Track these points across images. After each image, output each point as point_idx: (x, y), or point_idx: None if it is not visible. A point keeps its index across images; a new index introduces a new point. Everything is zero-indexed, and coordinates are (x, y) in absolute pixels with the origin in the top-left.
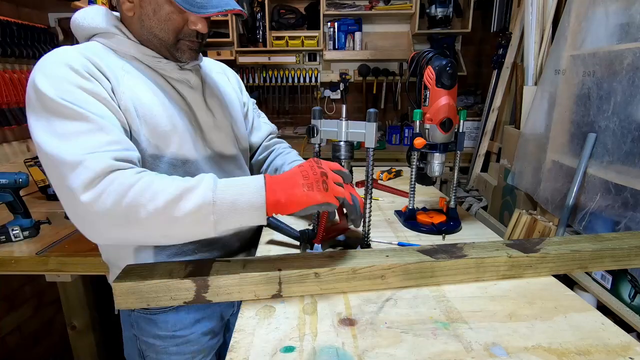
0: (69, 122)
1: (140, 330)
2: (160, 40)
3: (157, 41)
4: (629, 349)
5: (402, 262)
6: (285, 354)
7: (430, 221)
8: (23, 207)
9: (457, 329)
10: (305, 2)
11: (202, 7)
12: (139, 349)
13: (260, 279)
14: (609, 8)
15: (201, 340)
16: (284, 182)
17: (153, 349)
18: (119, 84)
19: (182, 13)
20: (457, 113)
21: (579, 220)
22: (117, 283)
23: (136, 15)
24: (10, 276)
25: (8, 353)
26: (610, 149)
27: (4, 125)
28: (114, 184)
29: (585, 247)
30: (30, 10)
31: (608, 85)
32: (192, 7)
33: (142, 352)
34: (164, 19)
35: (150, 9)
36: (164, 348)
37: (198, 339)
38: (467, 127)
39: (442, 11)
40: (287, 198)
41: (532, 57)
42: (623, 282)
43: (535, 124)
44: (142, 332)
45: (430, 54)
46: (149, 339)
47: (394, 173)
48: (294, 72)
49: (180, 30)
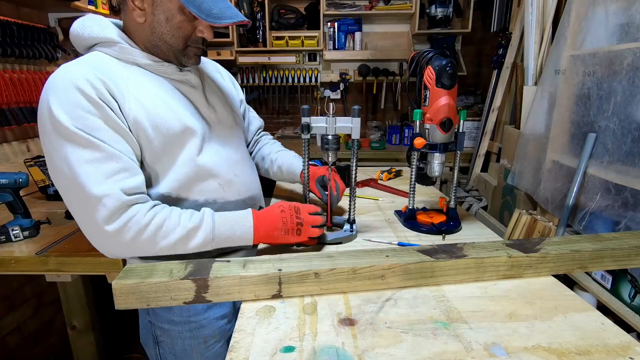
0: (82, 149)
1: (156, 316)
2: (169, 47)
3: (166, 47)
4: (629, 349)
5: (402, 262)
6: (285, 354)
7: (430, 221)
8: (23, 207)
9: (457, 329)
10: (305, 2)
11: (218, 17)
12: (153, 335)
13: (260, 279)
14: (609, 8)
15: (214, 325)
16: (268, 224)
17: (168, 334)
18: (125, 100)
19: (192, 21)
20: (457, 113)
21: (579, 220)
22: (117, 283)
23: (147, 22)
24: (10, 276)
25: (8, 353)
26: (610, 149)
27: (4, 125)
28: (133, 220)
29: (585, 247)
30: (30, 10)
31: (608, 85)
32: (208, 18)
33: (157, 338)
34: (176, 26)
35: (163, 17)
36: (178, 333)
37: (211, 324)
38: (467, 127)
39: (442, 11)
40: (269, 237)
41: (532, 57)
42: (623, 282)
43: (535, 124)
44: (157, 319)
45: (430, 54)
46: (163, 324)
47: (394, 173)
48: (294, 72)
49: (189, 37)
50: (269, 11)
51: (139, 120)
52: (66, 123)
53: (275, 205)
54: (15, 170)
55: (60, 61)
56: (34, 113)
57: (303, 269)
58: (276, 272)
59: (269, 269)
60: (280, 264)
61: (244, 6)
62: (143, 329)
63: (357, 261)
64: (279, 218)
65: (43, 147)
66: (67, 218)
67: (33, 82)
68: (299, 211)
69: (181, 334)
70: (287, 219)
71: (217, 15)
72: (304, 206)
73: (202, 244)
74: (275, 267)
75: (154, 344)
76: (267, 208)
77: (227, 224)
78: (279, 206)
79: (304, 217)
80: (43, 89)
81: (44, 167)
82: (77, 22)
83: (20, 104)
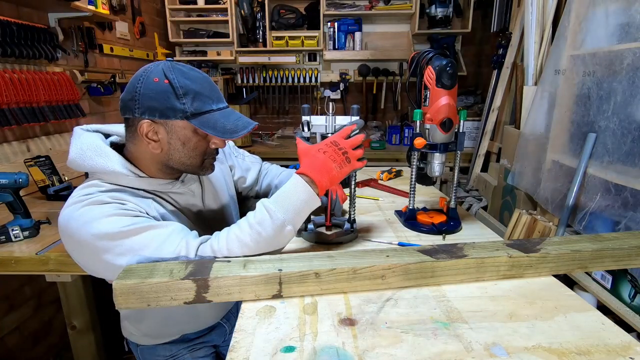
0: (137, 236)
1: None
2: (187, 166)
3: (183, 167)
4: (629, 349)
5: (402, 262)
6: (285, 354)
7: (430, 221)
8: (23, 207)
9: (457, 329)
10: (305, 2)
11: (234, 132)
12: None
13: (260, 279)
14: (609, 8)
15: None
16: (321, 169)
17: None
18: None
19: (205, 137)
20: (457, 113)
21: (579, 220)
22: (117, 283)
23: (164, 152)
24: (10, 276)
25: (8, 353)
26: (610, 149)
27: (4, 125)
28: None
29: (585, 247)
30: (30, 10)
31: (608, 85)
32: (225, 135)
33: None
34: (193, 147)
35: (179, 143)
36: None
37: None
38: (467, 127)
39: (442, 11)
40: (329, 180)
41: (532, 57)
42: (623, 282)
43: (535, 124)
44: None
45: (430, 54)
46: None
47: (394, 173)
48: (294, 72)
49: (205, 152)
50: (269, 11)
51: None
52: (111, 230)
53: (312, 150)
54: (15, 170)
55: (61, 61)
56: (34, 113)
57: (303, 269)
58: (276, 272)
59: (269, 269)
60: (280, 264)
61: (244, 6)
62: None
63: (358, 261)
64: (327, 159)
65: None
66: None
67: (33, 82)
68: (336, 143)
69: None
70: (334, 155)
71: (231, 130)
72: (336, 136)
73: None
74: (275, 267)
75: None
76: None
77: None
78: (316, 150)
79: (344, 145)
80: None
81: (44, 167)
82: (75, 149)
83: (20, 104)
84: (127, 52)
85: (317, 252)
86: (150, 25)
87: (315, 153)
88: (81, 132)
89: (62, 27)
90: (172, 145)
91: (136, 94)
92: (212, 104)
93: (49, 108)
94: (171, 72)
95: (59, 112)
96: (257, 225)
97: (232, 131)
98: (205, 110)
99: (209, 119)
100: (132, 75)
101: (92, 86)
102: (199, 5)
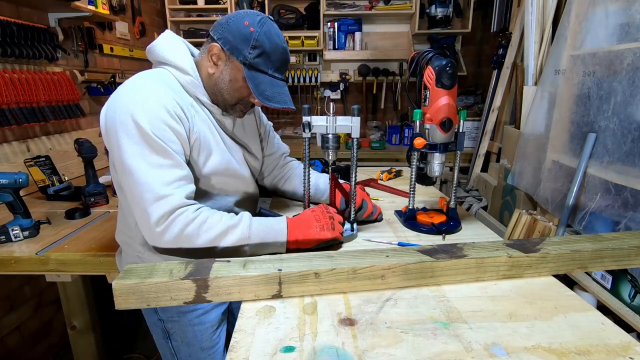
0: (157, 155)
1: (165, 312)
2: (223, 99)
3: (220, 98)
4: (629, 349)
5: (402, 262)
6: (285, 354)
7: (430, 221)
8: (23, 207)
9: (457, 329)
10: (305, 2)
11: (269, 99)
12: (164, 330)
13: (260, 279)
14: (609, 8)
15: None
16: (302, 225)
17: (178, 325)
18: (192, 124)
19: (249, 89)
20: (457, 113)
21: (579, 220)
22: (117, 283)
23: (214, 75)
24: (10, 276)
25: (8, 353)
26: (610, 149)
27: (4, 125)
28: (179, 218)
29: (585, 247)
30: (30, 10)
31: (608, 85)
32: (259, 97)
33: (168, 332)
34: (235, 88)
35: (228, 78)
36: (188, 321)
37: (213, 309)
38: (467, 127)
39: (442, 11)
40: (304, 237)
41: (532, 57)
42: (623, 282)
43: (535, 124)
44: (167, 314)
45: (430, 54)
46: (173, 316)
47: (394, 173)
48: (293, 72)
49: (243, 98)
50: (269, 11)
51: (197, 143)
52: (148, 131)
53: (305, 210)
54: (15, 170)
55: (61, 61)
56: (34, 113)
57: (303, 269)
58: (276, 272)
59: (269, 269)
60: (280, 264)
61: (244, 6)
62: (153, 327)
63: (357, 261)
64: (312, 217)
65: (121, 150)
66: (67, 218)
67: (33, 82)
68: (327, 208)
69: (191, 321)
70: (320, 216)
71: (268, 97)
72: (327, 206)
73: (238, 240)
74: (275, 267)
75: (166, 339)
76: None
77: (263, 227)
78: (310, 210)
79: (333, 213)
80: (118, 96)
81: (44, 167)
82: (161, 40)
83: (20, 104)
84: (127, 52)
85: (317, 252)
86: (150, 25)
87: (307, 210)
88: (171, 34)
89: (62, 27)
90: (222, 75)
91: (227, 24)
92: (271, 68)
93: (49, 108)
94: (261, 26)
95: (59, 112)
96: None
97: (269, 98)
98: (261, 69)
99: (258, 77)
100: None
101: (92, 86)
102: (199, 5)
